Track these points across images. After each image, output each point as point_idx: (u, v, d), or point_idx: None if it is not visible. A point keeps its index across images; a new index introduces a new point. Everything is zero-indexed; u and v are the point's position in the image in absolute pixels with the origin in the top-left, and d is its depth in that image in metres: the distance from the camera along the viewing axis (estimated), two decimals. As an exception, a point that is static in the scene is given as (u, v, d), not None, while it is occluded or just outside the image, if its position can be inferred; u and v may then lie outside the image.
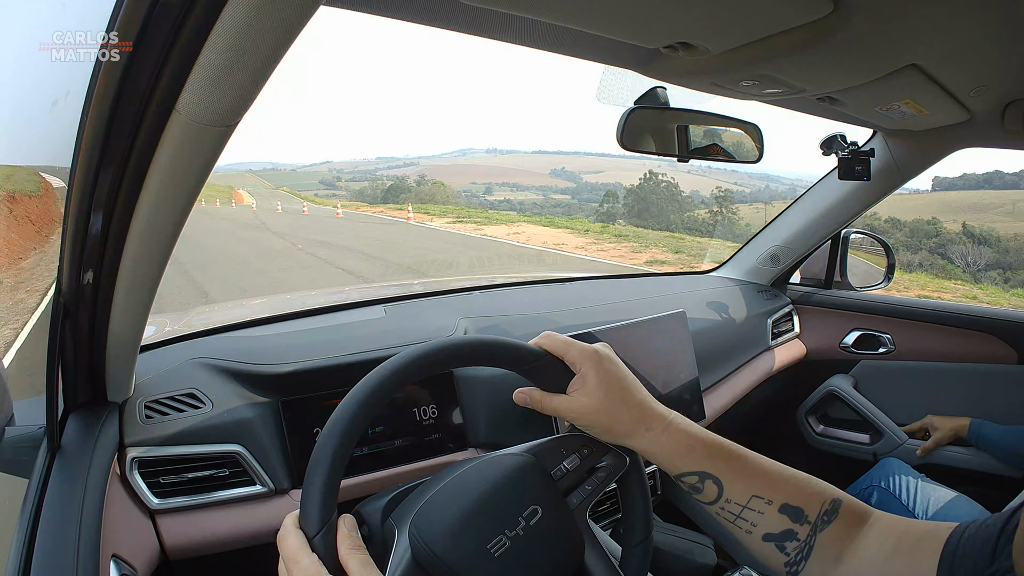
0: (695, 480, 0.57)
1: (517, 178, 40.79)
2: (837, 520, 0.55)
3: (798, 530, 0.54)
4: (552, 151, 34.34)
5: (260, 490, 0.88)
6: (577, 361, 0.59)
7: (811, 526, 0.54)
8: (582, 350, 0.60)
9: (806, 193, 1.75)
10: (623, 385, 0.59)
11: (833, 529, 0.54)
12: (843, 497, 0.56)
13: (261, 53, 0.40)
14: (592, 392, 0.58)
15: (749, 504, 0.56)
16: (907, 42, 0.77)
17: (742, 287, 1.83)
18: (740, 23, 0.66)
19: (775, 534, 0.55)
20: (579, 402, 0.58)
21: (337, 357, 0.99)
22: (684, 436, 0.58)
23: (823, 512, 0.55)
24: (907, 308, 1.72)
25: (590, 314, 1.35)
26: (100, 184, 0.50)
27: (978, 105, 1.12)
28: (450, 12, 0.66)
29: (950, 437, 1.50)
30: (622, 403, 0.58)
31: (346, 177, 29.86)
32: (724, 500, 0.56)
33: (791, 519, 0.55)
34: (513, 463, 0.59)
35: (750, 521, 0.56)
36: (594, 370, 0.58)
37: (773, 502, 0.55)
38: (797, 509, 0.55)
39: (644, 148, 1.06)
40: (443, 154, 41.62)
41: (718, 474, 0.57)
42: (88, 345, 0.70)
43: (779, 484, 0.56)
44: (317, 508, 0.48)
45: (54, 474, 0.68)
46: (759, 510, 0.55)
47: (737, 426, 1.73)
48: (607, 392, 0.58)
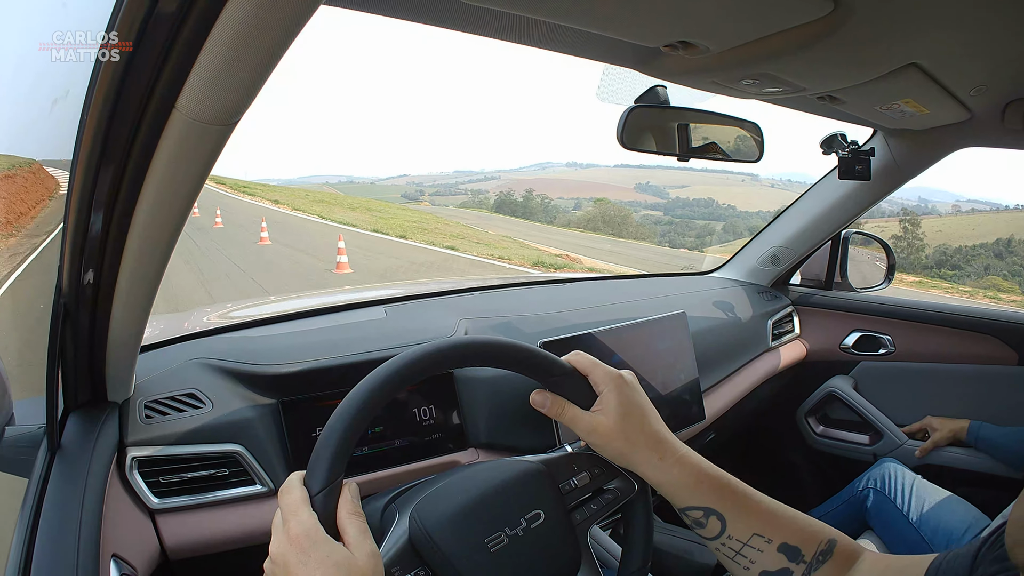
0: (700, 515, 0.58)
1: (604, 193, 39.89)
2: (831, 560, 0.56)
3: (794, 569, 0.56)
4: (634, 164, 34.16)
5: (260, 490, 0.88)
6: (601, 382, 0.61)
7: (806, 566, 0.56)
8: (607, 372, 0.61)
9: (806, 193, 1.75)
10: (641, 412, 0.60)
11: (826, 569, 0.56)
12: (838, 537, 0.58)
13: (261, 52, 0.40)
14: (610, 413, 0.59)
15: (750, 542, 0.57)
16: (907, 41, 0.77)
17: (742, 288, 1.83)
18: (741, 22, 0.66)
19: (771, 572, 0.56)
20: (596, 420, 0.59)
21: (338, 358, 0.99)
22: (694, 470, 0.59)
23: (819, 552, 0.56)
24: (907, 309, 1.72)
25: (591, 314, 1.35)
26: (100, 184, 0.50)
27: (978, 104, 1.12)
28: (450, 11, 0.66)
29: (948, 439, 1.50)
30: (638, 429, 0.59)
31: (429, 191, 29.41)
32: (726, 536, 0.58)
33: (788, 558, 0.56)
34: (524, 468, 0.60)
35: (748, 558, 0.57)
36: (615, 393, 0.60)
37: (773, 541, 0.57)
38: (795, 549, 0.56)
39: (644, 147, 1.06)
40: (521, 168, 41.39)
41: (723, 511, 0.58)
42: (88, 345, 0.70)
43: (780, 523, 0.57)
44: (325, 467, 0.48)
45: (54, 474, 0.68)
46: (759, 548, 0.57)
47: (737, 427, 1.73)
48: (625, 416, 0.59)
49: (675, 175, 22.25)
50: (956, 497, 1.26)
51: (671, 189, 27.12)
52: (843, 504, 1.40)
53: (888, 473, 1.35)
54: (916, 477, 1.33)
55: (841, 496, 1.42)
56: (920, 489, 1.29)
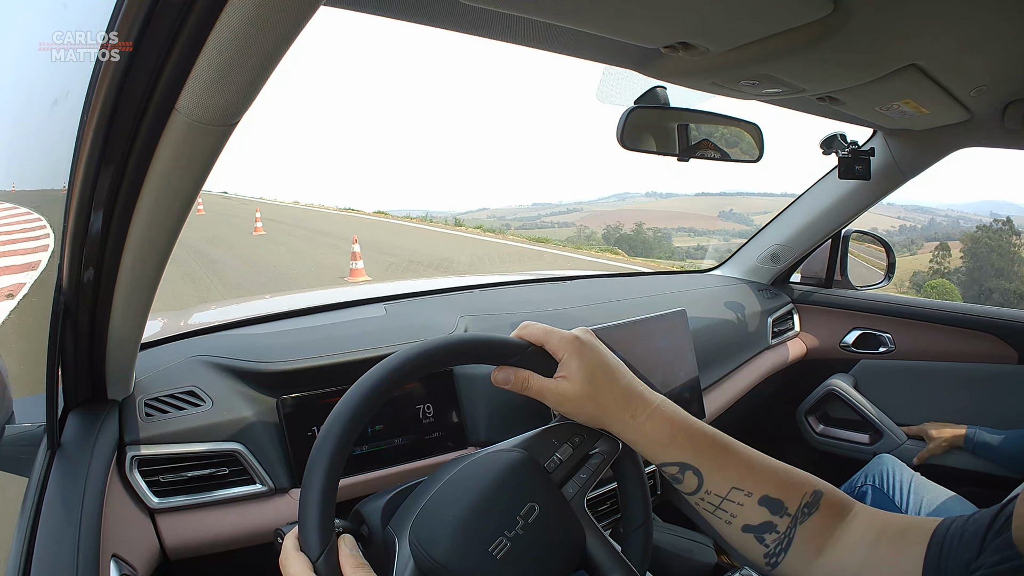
0: (675, 470, 0.57)
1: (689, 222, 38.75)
2: (818, 512, 0.54)
3: (777, 522, 0.54)
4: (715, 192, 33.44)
5: (260, 489, 0.88)
6: (559, 349, 0.58)
7: (791, 518, 0.54)
8: (562, 338, 0.59)
9: (806, 192, 1.75)
10: (607, 370, 0.58)
11: (814, 521, 0.54)
12: (825, 489, 0.56)
13: (261, 53, 0.40)
14: (575, 379, 0.57)
15: (728, 496, 0.55)
16: (907, 42, 0.77)
17: (742, 286, 1.83)
18: (740, 23, 0.66)
19: (754, 526, 0.55)
20: (562, 387, 0.57)
21: (337, 355, 0.99)
22: (667, 424, 0.57)
23: (803, 504, 0.54)
24: (907, 308, 1.72)
25: (591, 312, 1.35)
26: (100, 184, 0.50)
27: (978, 105, 1.12)
28: (450, 12, 0.66)
29: (945, 448, 1.50)
30: (606, 389, 0.57)
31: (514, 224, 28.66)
32: (704, 491, 0.56)
33: (770, 511, 0.54)
34: (506, 460, 0.59)
35: (729, 512, 0.55)
36: (576, 357, 0.58)
37: (753, 494, 0.55)
38: (777, 501, 0.54)
39: (644, 147, 1.06)
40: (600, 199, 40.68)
41: (698, 465, 0.56)
42: (88, 343, 0.70)
43: (760, 476, 0.56)
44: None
45: (54, 472, 0.68)
46: (738, 502, 0.55)
47: (737, 425, 1.73)
48: (590, 379, 0.57)
49: (756, 202, 21.54)
50: (955, 495, 1.26)
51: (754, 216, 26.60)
52: None
53: (886, 470, 1.35)
54: (914, 474, 1.33)
55: None
56: (918, 486, 1.29)
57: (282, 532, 0.56)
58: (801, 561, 0.54)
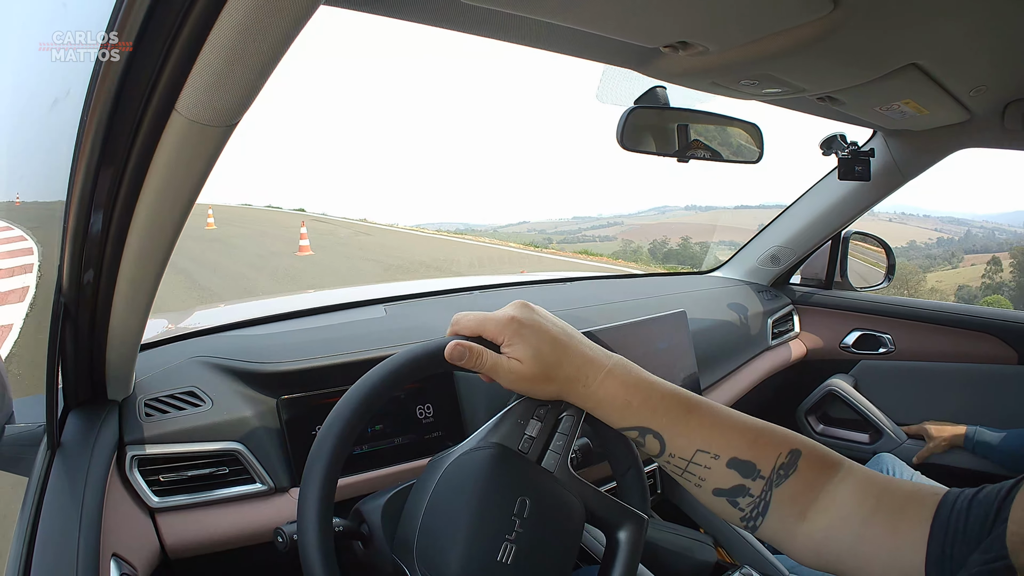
0: (635, 435, 0.54)
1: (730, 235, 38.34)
2: (796, 474, 0.51)
3: (750, 485, 0.51)
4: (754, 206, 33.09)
5: (260, 488, 0.88)
6: (496, 334, 0.56)
7: (765, 481, 0.51)
8: (496, 321, 0.56)
9: (806, 193, 1.75)
10: (552, 342, 0.55)
11: (793, 483, 0.51)
12: (803, 447, 0.52)
13: (261, 53, 0.40)
14: (524, 358, 0.54)
15: (694, 459, 0.52)
16: (907, 42, 0.77)
17: (742, 287, 1.83)
18: (740, 22, 0.66)
19: (725, 489, 0.52)
20: (513, 366, 0.55)
21: (337, 356, 0.99)
22: (621, 388, 0.54)
23: (778, 466, 0.51)
24: (907, 308, 1.72)
25: (591, 314, 1.35)
26: (100, 184, 0.50)
27: (978, 105, 1.12)
28: (450, 12, 0.66)
29: (944, 447, 1.51)
30: (556, 363, 0.55)
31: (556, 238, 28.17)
32: (668, 455, 0.53)
33: (741, 474, 0.51)
34: (480, 461, 0.57)
35: (697, 475, 0.53)
36: (516, 337, 0.55)
37: (720, 456, 0.52)
38: (747, 464, 0.51)
39: (644, 148, 1.06)
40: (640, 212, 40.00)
41: (658, 428, 0.53)
42: (88, 344, 0.70)
43: (729, 437, 0.52)
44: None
45: (54, 472, 0.68)
46: (705, 464, 0.52)
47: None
48: (536, 355, 0.54)
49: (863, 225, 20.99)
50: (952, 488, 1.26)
51: None
52: None
53: (886, 468, 1.35)
54: (915, 473, 1.33)
55: None
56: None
57: (282, 531, 0.57)
58: (782, 525, 0.51)
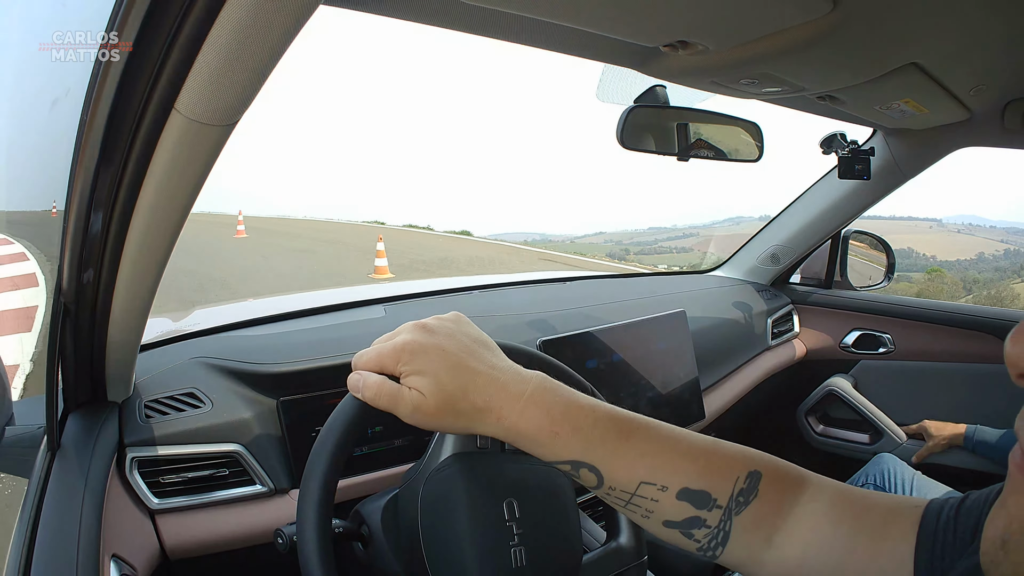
0: (567, 468, 0.47)
1: None
2: (758, 498, 0.46)
3: (706, 516, 0.45)
4: None
5: (260, 490, 0.88)
6: (391, 364, 0.48)
7: (723, 510, 0.45)
8: (391, 350, 0.48)
9: (806, 192, 1.75)
10: (454, 369, 0.47)
11: (755, 508, 0.46)
12: (763, 467, 0.47)
13: (261, 52, 0.40)
14: (422, 387, 0.46)
15: (638, 492, 0.46)
16: (907, 41, 0.77)
17: (742, 287, 1.83)
18: (740, 21, 0.66)
19: (676, 522, 0.46)
20: (414, 398, 0.47)
21: (337, 356, 0.99)
22: (544, 418, 0.46)
23: (737, 493, 0.45)
24: (907, 308, 1.72)
25: (590, 313, 1.35)
26: (100, 184, 0.50)
27: (978, 104, 1.12)
28: (449, 11, 0.66)
29: (944, 446, 1.51)
30: (460, 395, 0.46)
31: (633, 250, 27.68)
32: (608, 487, 0.47)
33: (694, 505, 0.45)
34: (450, 480, 0.56)
35: (643, 508, 0.46)
36: (412, 367, 0.47)
37: (668, 488, 0.45)
38: (701, 494, 0.45)
39: (644, 147, 1.06)
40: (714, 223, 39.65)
41: (593, 462, 0.46)
42: (88, 345, 0.70)
43: (676, 464, 0.46)
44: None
45: (54, 474, 0.68)
46: (651, 497, 0.46)
47: (737, 426, 1.73)
48: (436, 385, 0.46)
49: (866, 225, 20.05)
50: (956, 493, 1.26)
51: None
52: None
53: (887, 468, 1.35)
54: (915, 473, 1.33)
55: None
56: (920, 484, 1.29)
57: (282, 533, 0.57)
58: (748, 553, 0.46)
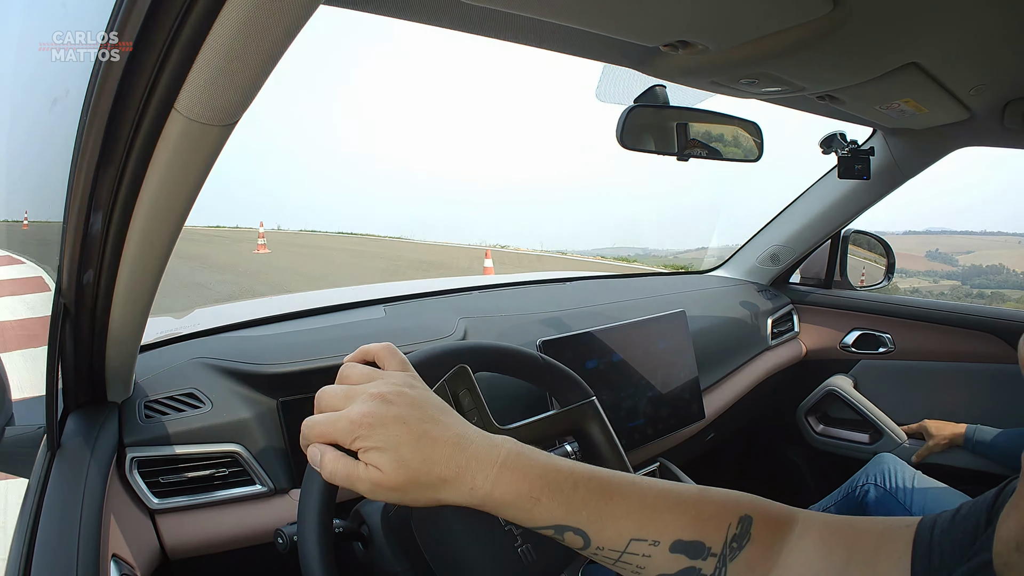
0: (551, 533, 0.45)
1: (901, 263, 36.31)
2: (751, 543, 0.45)
3: (701, 566, 0.45)
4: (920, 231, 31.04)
5: (260, 490, 0.88)
6: (346, 439, 0.42)
7: (717, 559, 0.45)
8: (345, 423, 0.42)
9: (806, 192, 1.75)
10: (417, 436, 0.42)
11: (748, 553, 0.45)
12: (753, 511, 0.47)
13: (261, 52, 0.40)
14: (380, 463, 0.41)
15: (628, 549, 0.45)
16: (907, 40, 0.77)
17: (742, 287, 1.83)
18: (740, 21, 0.66)
19: (670, 575, 0.45)
20: (372, 475, 0.42)
21: (337, 357, 0.98)
22: (523, 483, 0.43)
23: (731, 539, 0.45)
24: (907, 308, 1.72)
25: (590, 314, 1.35)
26: (100, 184, 0.50)
27: (978, 104, 1.12)
28: (449, 11, 0.66)
29: (944, 446, 1.50)
30: (425, 465, 0.42)
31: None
32: (595, 548, 0.45)
33: (688, 556, 0.44)
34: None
35: (634, 564, 0.45)
36: (370, 441, 0.42)
37: (660, 542, 0.44)
38: (695, 544, 0.44)
39: (644, 147, 1.06)
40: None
41: (578, 525, 0.44)
42: (88, 345, 0.70)
43: (666, 518, 0.45)
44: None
45: (54, 474, 0.68)
46: (644, 553, 0.44)
47: (737, 426, 1.73)
48: (397, 459, 0.41)
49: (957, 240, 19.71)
50: (958, 492, 1.26)
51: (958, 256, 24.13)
52: (842, 499, 1.39)
53: (888, 468, 1.34)
54: (916, 473, 1.33)
55: (839, 492, 1.41)
56: (921, 484, 1.29)
57: (283, 533, 0.56)
58: None
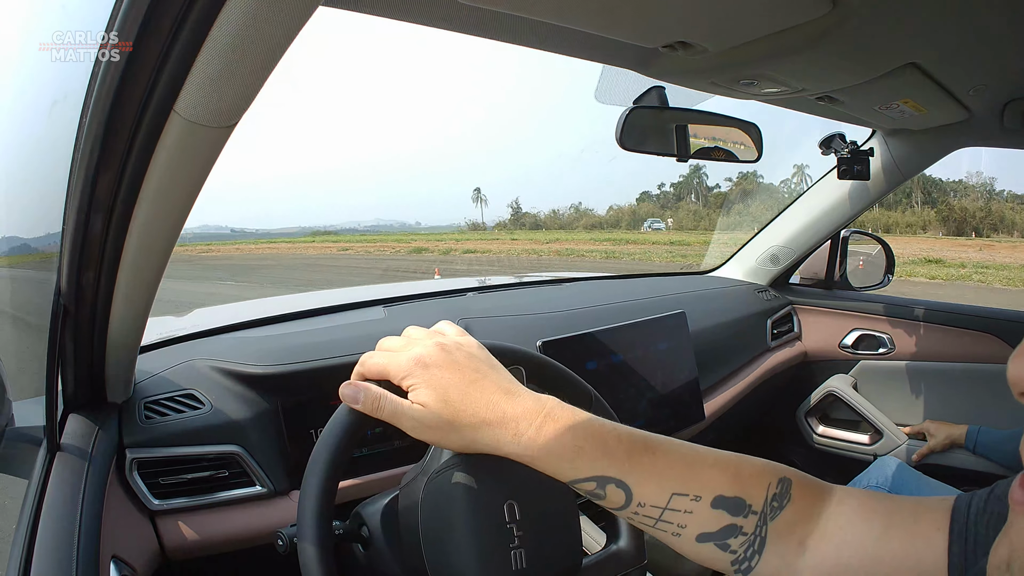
0: (593, 486, 0.46)
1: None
2: (791, 503, 0.46)
3: (742, 523, 0.45)
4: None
5: (260, 491, 0.88)
6: (399, 376, 0.48)
7: (759, 516, 0.45)
8: (399, 364, 0.48)
9: (805, 193, 1.75)
10: (466, 382, 0.47)
11: (789, 514, 0.46)
12: (791, 474, 0.48)
13: (261, 53, 0.40)
14: (426, 401, 0.47)
15: (671, 505, 0.45)
16: (906, 41, 0.77)
17: (741, 287, 1.83)
18: (739, 22, 0.66)
19: (712, 533, 0.45)
20: (417, 413, 0.47)
21: (337, 358, 0.98)
22: (567, 433, 0.46)
23: (771, 498, 0.46)
24: (907, 308, 1.72)
25: (590, 314, 1.35)
26: (100, 184, 0.50)
27: (977, 104, 1.12)
28: (449, 12, 0.66)
29: (945, 445, 1.50)
30: (467, 410, 0.47)
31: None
32: (636, 505, 0.46)
33: (730, 513, 0.45)
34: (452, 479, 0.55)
35: (675, 523, 0.46)
36: (421, 380, 0.47)
37: (702, 497, 0.45)
38: (736, 500, 0.45)
39: (643, 148, 1.06)
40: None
41: (621, 476, 0.45)
42: (88, 346, 0.70)
43: (708, 474, 0.46)
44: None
45: (54, 475, 0.68)
46: (685, 509, 0.45)
47: (736, 427, 1.73)
48: (443, 400, 0.47)
49: None
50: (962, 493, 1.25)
51: None
52: None
53: (890, 471, 1.34)
54: (919, 474, 1.33)
55: None
56: (925, 486, 1.29)
57: (282, 534, 0.56)
58: (783, 561, 0.45)
